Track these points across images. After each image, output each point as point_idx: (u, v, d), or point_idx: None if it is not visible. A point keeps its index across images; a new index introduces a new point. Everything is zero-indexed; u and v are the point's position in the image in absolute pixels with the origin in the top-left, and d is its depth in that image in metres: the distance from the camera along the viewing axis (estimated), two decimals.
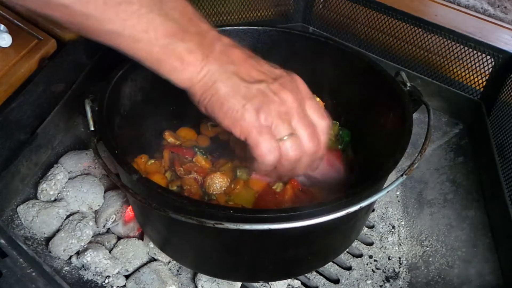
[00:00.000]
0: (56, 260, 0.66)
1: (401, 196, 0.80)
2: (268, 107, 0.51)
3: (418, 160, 0.55)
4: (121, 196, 0.72)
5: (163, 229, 0.61)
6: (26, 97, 0.74)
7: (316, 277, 0.68)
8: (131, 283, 0.64)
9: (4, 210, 0.69)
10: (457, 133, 0.91)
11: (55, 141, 0.80)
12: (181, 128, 0.76)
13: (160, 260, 0.67)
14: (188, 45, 0.49)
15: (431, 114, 0.62)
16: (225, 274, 0.62)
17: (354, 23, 1.01)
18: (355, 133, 0.75)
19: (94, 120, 0.57)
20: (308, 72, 0.76)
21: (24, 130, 0.73)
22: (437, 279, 0.67)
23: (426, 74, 0.94)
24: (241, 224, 0.46)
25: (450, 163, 0.85)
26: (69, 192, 0.72)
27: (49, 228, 0.68)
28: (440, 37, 0.90)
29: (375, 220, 0.76)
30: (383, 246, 0.72)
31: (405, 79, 0.66)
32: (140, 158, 0.68)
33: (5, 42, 0.78)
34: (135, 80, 0.66)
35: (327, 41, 0.74)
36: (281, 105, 0.51)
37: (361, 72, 0.71)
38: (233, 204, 0.64)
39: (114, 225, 0.70)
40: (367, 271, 0.69)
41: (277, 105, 0.51)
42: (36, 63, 0.79)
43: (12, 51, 0.78)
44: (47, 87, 0.78)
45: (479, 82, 0.89)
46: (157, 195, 0.50)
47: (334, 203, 0.49)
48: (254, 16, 1.05)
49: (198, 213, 0.47)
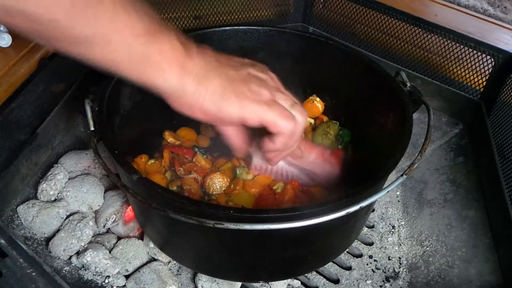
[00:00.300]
0: (56, 260, 0.66)
1: (401, 196, 0.80)
2: (266, 84, 0.52)
3: (418, 160, 0.55)
4: (121, 196, 0.72)
5: (163, 229, 0.61)
6: (26, 97, 0.74)
7: (316, 277, 0.68)
8: (131, 283, 0.64)
9: (4, 210, 0.69)
10: (457, 133, 0.91)
11: (55, 141, 0.80)
12: (181, 128, 0.76)
13: (160, 260, 0.67)
14: (171, 42, 0.46)
15: (431, 114, 0.62)
16: (225, 274, 0.62)
17: (354, 23, 1.01)
18: (355, 133, 0.75)
19: (94, 120, 0.57)
20: (308, 72, 0.77)
21: (24, 130, 0.73)
22: (437, 279, 0.67)
23: (426, 74, 0.94)
24: (241, 224, 0.46)
25: (450, 163, 0.85)
26: (69, 192, 0.72)
27: (49, 228, 0.68)
28: (440, 37, 0.90)
29: (375, 220, 0.76)
30: (383, 246, 0.72)
31: (405, 79, 0.66)
32: (140, 158, 0.68)
33: (5, 42, 0.77)
34: None
35: (327, 41, 0.74)
36: (272, 82, 0.54)
37: (361, 72, 0.71)
38: (233, 205, 0.64)
39: (114, 225, 0.70)
40: (367, 271, 0.69)
41: (270, 82, 0.54)
42: (36, 63, 0.79)
43: (12, 51, 0.78)
44: (47, 87, 0.78)
45: (479, 82, 0.89)
46: (157, 195, 0.50)
47: (334, 203, 0.49)
48: (254, 16, 1.05)
49: (198, 213, 0.47)
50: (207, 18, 1.02)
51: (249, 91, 0.50)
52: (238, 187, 0.65)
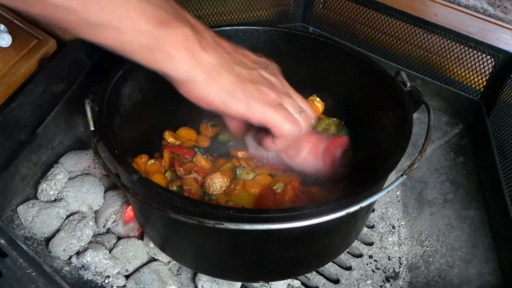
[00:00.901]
0: (56, 260, 0.66)
1: (401, 196, 0.80)
2: (275, 87, 0.53)
3: (418, 160, 0.55)
4: (121, 196, 0.72)
5: (163, 229, 0.61)
6: (26, 97, 0.74)
7: (316, 277, 0.68)
8: (131, 283, 0.64)
9: (4, 210, 0.69)
10: (457, 133, 0.91)
11: (55, 141, 0.80)
12: (181, 128, 0.76)
13: (160, 260, 0.67)
14: (183, 31, 0.46)
15: (431, 114, 0.62)
16: (225, 274, 0.62)
17: (354, 23, 1.01)
18: (355, 133, 0.75)
19: (94, 120, 0.57)
20: (308, 72, 0.77)
21: (24, 130, 0.73)
22: (437, 279, 0.67)
23: (426, 74, 0.94)
24: (241, 224, 0.46)
25: (450, 163, 0.85)
26: (69, 192, 0.72)
27: (49, 228, 0.68)
28: (440, 37, 0.90)
29: (375, 220, 0.76)
30: (383, 246, 0.72)
31: (405, 79, 0.66)
32: (140, 158, 0.68)
33: (5, 42, 0.77)
34: (135, 80, 0.66)
35: (327, 41, 0.74)
36: (282, 86, 0.55)
37: (361, 72, 0.71)
38: (233, 205, 0.64)
39: (114, 225, 0.70)
40: (367, 271, 0.69)
41: (280, 86, 0.54)
42: (36, 63, 0.79)
43: (12, 51, 0.78)
44: (47, 87, 0.78)
45: (479, 82, 0.89)
46: (157, 195, 0.50)
47: (334, 203, 0.49)
48: (254, 16, 1.05)
49: (198, 213, 0.47)
50: (207, 18, 1.02)
51: (257, 91, 0.51)
52: (238, 187, 0.65)
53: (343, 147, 0.69)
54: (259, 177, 0.68)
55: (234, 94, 0.50)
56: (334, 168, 0.68)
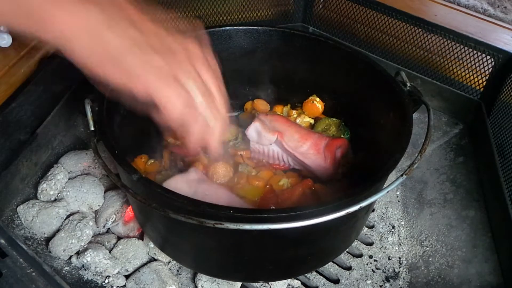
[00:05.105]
0: (56, 260, 0.66)
1: (401, 196, 0.80)
2: (174, 58, 0.45)
3: (418, 160, 0.55)
4: (121, 196, 0.72)
5: (163, 229, 0.61)
6: (26, 97, 0.74)
7: (316, 277, 0.68)
8: (131, 283, 0.64)
9: (4, 210, 0.69)
10: (457, 133, 0.91)
11: (55, 141, 0.80)
12: None
13: (160, 260, 0.67)
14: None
15: (431, 114, 0.62)
16: (225, 274, 0.62)
17: (354, 23, 1.01)
18: (355, 133, 0.75)
19: (94, 120, 0.57)
20: (308, 72, 0.77)
21: (24, 130, 0.73)
22: (437, 279, 0.67)
23: (426, 74, 0.94)
24: (241, 224, 0.46)
25: (450, 163, 0.85)
26: (69, 192, 0.72)
27: (49, 228, 0.68)
28: (440, 37, 0.90)
29: (375, 220, 0.76)
30: (383, 246, 0.72)
31: (405, 79, 0.66)
32: (140, 158, 0.68)
33: (5, 42, 0.77)
34: None
35: (327, 41, 0.74)
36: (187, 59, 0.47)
37: (361, 72, 0.71)
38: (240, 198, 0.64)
39: (114, 225, 0.70)
40: (367, 271, 0.69)
41: (184, 58, 0.46)
42: (36, 63, 0.79)
43: (12, 51, 0.78)
44: (47, 87, 0.78)
45: (479, 82, 0.89)
46: (157, 195, 0.50)
47: (334, 203, 0.49)
48: (254, 16, 1.05)
49: (198, 213, 0.47)
50: (207, 18, 1.02)
51: (149, 57, 0.43)
52: (243, 180, 0.65)
53: (343, 148, 0.70)
54: (262, 172, 0.68)
55: (122, 65, 0.42)
56: (335, 167, 0.68)
